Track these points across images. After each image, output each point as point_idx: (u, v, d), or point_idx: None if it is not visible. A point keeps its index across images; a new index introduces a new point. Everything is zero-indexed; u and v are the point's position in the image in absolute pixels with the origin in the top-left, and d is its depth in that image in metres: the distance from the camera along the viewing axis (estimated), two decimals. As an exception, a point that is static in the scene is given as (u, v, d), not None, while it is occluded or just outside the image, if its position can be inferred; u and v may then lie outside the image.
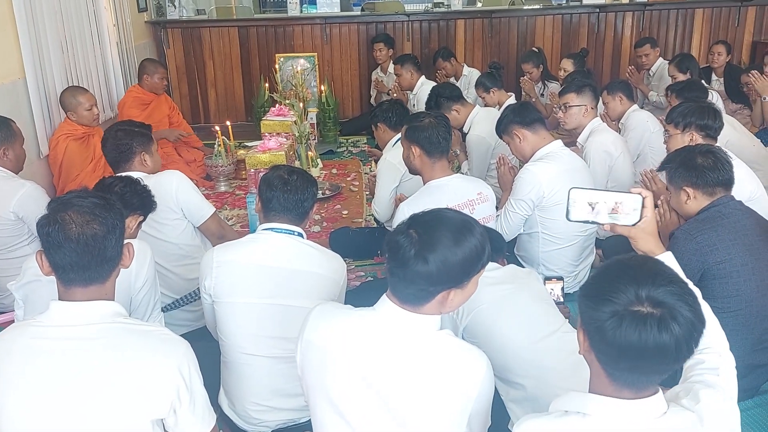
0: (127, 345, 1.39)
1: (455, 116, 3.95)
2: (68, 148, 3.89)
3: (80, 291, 1.41)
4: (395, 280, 1.38)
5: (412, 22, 6.54)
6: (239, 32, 6.41)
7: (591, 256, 3.12)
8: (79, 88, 4.08)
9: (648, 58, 5.53)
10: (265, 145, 3.77)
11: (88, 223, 1.39)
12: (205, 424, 1.49)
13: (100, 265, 1.41)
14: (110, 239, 1.42)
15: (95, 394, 1.34)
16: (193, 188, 2.70)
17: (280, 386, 2.02)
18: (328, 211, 4.25)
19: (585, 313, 1.18)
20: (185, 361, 1.42)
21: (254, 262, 2.01)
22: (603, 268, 1.22)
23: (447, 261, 1.34)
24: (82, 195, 1.45)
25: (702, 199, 2.21)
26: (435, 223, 1.38)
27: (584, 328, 1.19)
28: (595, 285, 1.18)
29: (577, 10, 6.61)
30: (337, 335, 1.45)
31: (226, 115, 6.16)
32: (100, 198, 1.46)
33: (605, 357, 1.16)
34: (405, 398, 1.38)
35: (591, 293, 1.17)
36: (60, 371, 1.34)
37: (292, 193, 2.05)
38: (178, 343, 1.45)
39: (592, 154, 3.34)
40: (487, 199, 2.74)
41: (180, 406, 1.41)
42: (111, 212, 1.44)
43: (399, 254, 1.35)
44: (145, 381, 1.37)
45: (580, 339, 1.22)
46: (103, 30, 4.94)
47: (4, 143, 2.99)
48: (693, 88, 3.75)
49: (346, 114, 6.51)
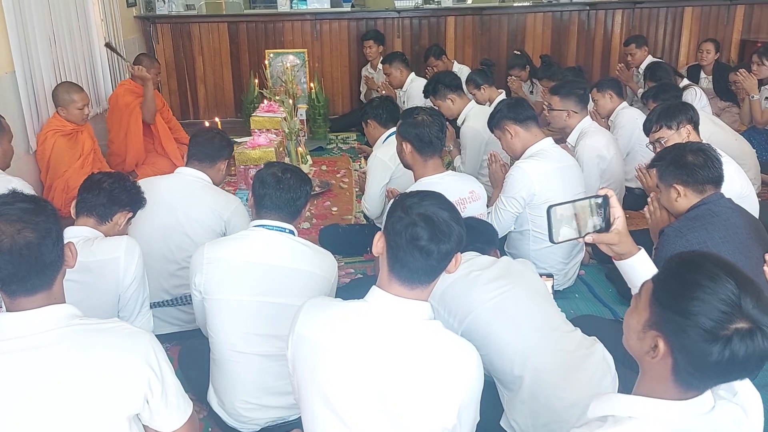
0: (91, 345, 1.34)
1: (449, 105, 3.95)
2: (56, 144, 3.85)
3: (27, 300, 1.34)
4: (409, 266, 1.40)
5: (403, 18, 6.53)
6: (229, 28, 6.36)
7: (581, 254, 3.13)
8: (74, 86, 4.04)
9: (634, 57, 5.57)
10: (255, 141, 3.75)
11: (19, 231, 1.31)
12: (181, 412, 1.45)
13: (40, 272, 1.34)
14: (46, 244, 1.34)
15: (65, 400, 1.29)
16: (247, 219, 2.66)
17: (270, 384, 2.01)
18: (317, 207, 4.23)
19: (675, 329, 1.07)
20: (152, 351, 1.38)
21: (245, 259, 2.00)
22: (677, 273, 1.10)
23: (460, 233, 1.43)
24: (8, 201, 1.35)
25: (692, 196, 2.22)
26: (428, 203, 1.44)
27: (670, 343, 1.08)
28: (680, 296, 1.06)
29: (568, 7, 6.63)
30: (329, 327, 1.45)
31: (215, 110, 6.12)
32: (29, 201, 1.37)
33: (695, 372, 1.07)
34: (396, 389, 1.38)
35: (678, 307, 1.06)
36: (24, 383, 1.28)
37: (285, 191, 2.04)
38: (142, 334, 1.41)
39: (585, 158, 3.33)
40: (478, 198, 2.75)
41: (152, 397, 1.38)
42: (42, 215, 1.35)
43: (419, 244, 1.38)
44: (114, 378, 1.33)
45: (654, 346, 1.10)
46: (90, 25, 4.88)
47: None
48: (667, 89, 3.82)
49: (336, 110, 6.49)
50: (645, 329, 1.12)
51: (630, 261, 1.53)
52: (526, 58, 5.81)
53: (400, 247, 1.39)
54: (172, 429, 1.44)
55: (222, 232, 2.61)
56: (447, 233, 1.40)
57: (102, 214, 2.18)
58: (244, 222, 2.58)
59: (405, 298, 1.42)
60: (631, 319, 1.18)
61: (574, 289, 3.13)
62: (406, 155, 2.68)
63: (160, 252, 2.56)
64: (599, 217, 1.47)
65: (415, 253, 1.38)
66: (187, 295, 2.55)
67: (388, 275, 1.43)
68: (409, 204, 1.43)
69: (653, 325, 1.11)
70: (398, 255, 1.40)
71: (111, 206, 2.19)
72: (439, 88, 3.97)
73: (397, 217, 1.42)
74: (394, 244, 1.41)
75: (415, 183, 2.68)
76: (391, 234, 1.42)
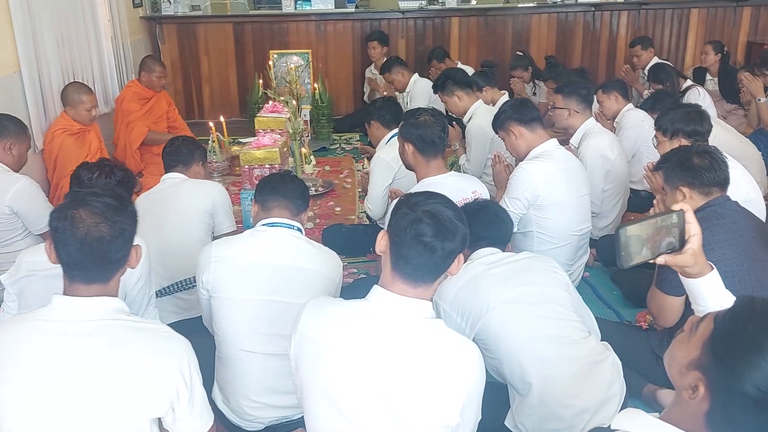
0: (128, 342, 1.39)
1: (455, 102, 3.96)
2: (64, 144, 3.88)
3: (83, 288, 1.42)
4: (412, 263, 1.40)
5: (407, 19, 6.53)
6: (234, 28, 6.38)
7: (585, 256, 3.12)
8: (84, 87, 4.07)
9: (640, 59, 5.55)
10: (260, 142, 3.76)
11: (97, 225, 1.39)
12: (203, 423, 1.49)
13: (102, 266, 1.42)
14: (117, 242, 1.42)
15: (94, 390, 1.34)
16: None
17: (275, 383, 2.01)
18: (321, 207, 4.24)
19: (720, 382, 1.02)
20: (186, 360, 1.42)
21: (253, 258, 2.01)
22: (743, 327, 1.03)
23: (465, 233, 1.43)
24: (97, 193, 1.45)
25: (698, 199, 2.21)
26: (433, 201, 1.44)
27: (711, 391, 1.03)
28: (738, 355, 1.01)
29: (573, 8, 6.62)
30: (331, 326, 1.46)
31: (220, 111, 6.12)
32: (116, 199, 1.46)
33: (726, 423, 1.03)
34: (399, 387, 1.39)
35: (732, 365, 1.01)
36: (58, 366, 1.34)
37: (289, 182, 2.12)
38: (179, 341, 1.45)
39: (589, 159, 3.32)
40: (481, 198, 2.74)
41: (178, 405, 1.41)
42: (122, 215, 1.44)
43: (423, 240, 1.38)
44: (145, 379, 1.36)
45: (694, 388, 1.06)
46: (98, 25, 4.90)
47: (11, 138, 3.02)
48: (661, 99, 3.82)
49: (340, 111, 6.49)
50: (690, 367, 1.08)
51: (698, 281, 1.47)
52: (529, 59, 5.80)
53: (404, 243, 1.40)
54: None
55: (210, 212, 2.75)
56: (452, 231, 1.40)
57: None
58: (226, 201, 2.83)
59: (407, 297, 1.42)
60: (678, 350, 1.13)
61: (579, 290, 3.06)
62: (408, 156, 2.68)
63: (152, 242, 2.56)
64: (673, 235, 1.35)
65: (420, 249, 1.39)
66: (183, 280, 2.59)
67: (391, 273, 1.44)
68: (415, 201, 1.44)
69: (699, 368, 1.06)
70: (402, 251, 1.40)
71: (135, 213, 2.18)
72: (447, 83, 3.98)
73: (402, 214, 1.43)
74: (399, 241, 1.41)
75: (417, 183, 2.68)
76: (395, 230, 1.42)
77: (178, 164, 2.86)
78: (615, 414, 1.90)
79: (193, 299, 2.56)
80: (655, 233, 1.33)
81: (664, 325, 2.23)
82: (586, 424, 1.87)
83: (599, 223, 3.42)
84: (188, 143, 2.94)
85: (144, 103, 4.81)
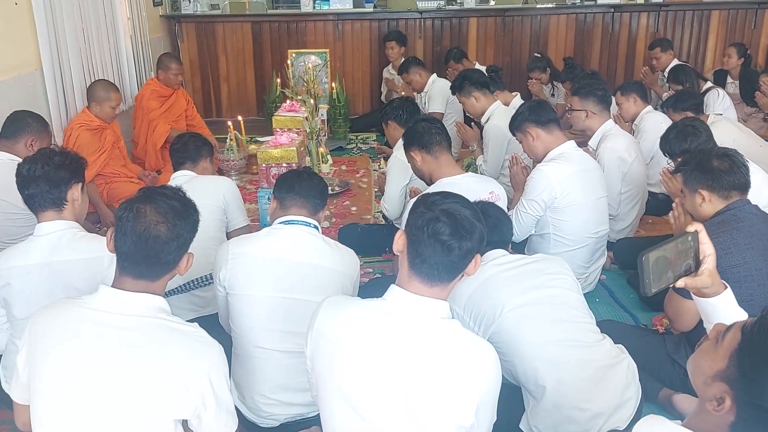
0: (164, 341, 1.41)
1: (473, 103, 3.96)
2: (80, 137, 3.91)
3: (129, 281, 1.45)
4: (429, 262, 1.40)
5: (425, 19, 6.52)
6: (252, 27, 6.41)
7: (602, 258, 3.11)
8: (112, 85, 4.12)
9: (659, 61, 5.50)
10: (277, 141, 3.78)
11: (157, 224, 1.44)
12: (228, 429, 1.51)
13: (152, 264, 1.45)
14: (171, 245, 1.46)
15: (123, 382, 1.36)
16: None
17: (290, 381, 2.02)
18: (337, 207, 4.25)
19: (747, 395, 1.02)
20: (216, 366, 1.45)
21: (270, 255, 2.02)
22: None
23: (482, 232, 1.44)
24: (167, 194, 1.50)
25: (717, 202, 2.19)
26: (451, 200, 1.45)
27: (738, 404, 1.03)
28: (765, 371, 1.01)
29: (592, 9, 6.58)
30: (348, 325, 1.46)
31: (238, 109, 6.17)
32: (182, 203, 1.50)
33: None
34: (414, 386, 1.39)
35: (760, 380, 1.01)
36: (94, 354, 1.37)
37: (307, 180, 2.13)
38: (214, 346, 1.47)
39: (606, 161, 3.30)
40: (498, 198, 2.74)
41: (205, 412, 1.43)
42: (183, 220, 1.49)
43: (440, 238, 1.39)
44: (173, 379, 1.39)
45: (720, 400, 1.05)
46: (118, 23, 4.96)
47: (33, 135, 3.07)
48: (685, 98, 3.78)
49: (357, 111, 6.50)
50: (716, 378, 1.07)
51: (713, 301, 1.46)
52: (547, 60, 5.77)
53: (421, 242, 1.40)
54: None
55: (223, 207, 2.76)
56: (469, 230, 1.41)
57: (55, 202, 2.04)
58: (237, 195, 2.84)
59: (424, 297, 1.43)
60: (703, 360, 1.11)
61: (595, 293, 3.10)
62: (420, 164, 2.73)
63: None
64: (690, 257, 1.35)
65: (437, 247, 1.39)
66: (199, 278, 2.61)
67: (408, 272, 1.44)
68: (433, 200, 1.45)
69: (725, 380, 1.05)
70: (419, 250, 1.41)
71: (57, 189, 2.03)
72: (465, 84, 3.97)
73: (419, 213, 1.43)
74: (416, 239, 1.41)
75: (434, 183, 2.69)
76: (413, 229, 1.43)
77: (186, 161, 2.87)
78: (630, 418, 1.89)
79: (209, 296, 2.58)
80: (677, 257, 1.33)
81: (681, 329, 2.21)
82: (601, 427, 1.86)
83: (616, 225, 3.40)
84: (195, 139, 2.96)
85: (163, 101, 4.85)
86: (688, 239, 1.36)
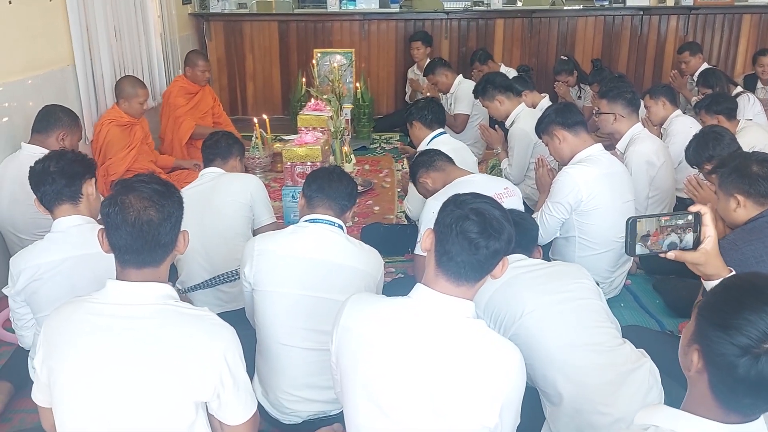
0: (177, 325, 1.43)
1: (497, 107, 3.95)
2: (110, 133, 3.98)
3: (134, 272, 1.47)
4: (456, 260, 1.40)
5: (451, 20, 6.51)
6: (279, 26, 6.46)
7: (628, 263, 3.07)
8: (139, 81, 4.19)
9: (688, 65, 5.42)
10: (302, 139, 3.80)
11: (146, 209, 1.44)
12: (248, 409, 1.52)
13: (153, 249, 1.46)
14: (165, 226, 1.47)
15: (143, 371, 1.38)
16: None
17: (314, 378, 2.04)
18: (360, 206, 4.25)
19: (709, 342, 1.07)
20: (231, 347, 1.46)
21: (295, 253, 2.04)
22: (727, 291, 1.11)
23: (510, 233, 1.44)
24: (145, 180, 1.50)
25: (751, 208, 2.15)
26: (480, 200, 1.45)
27: (704, 355, 1.09)
28: (722, 312, 1.07)
29: (620, 11, 6.50)
30: (375, 322, 1.47)
31: (263, 108, 6.21)
32: (162, 185, 1.51)
33: (726, 389, 1.07)
34: (439, 385, 1.39)
35: (717, 321, 1.06)
36: (113, 347, 1.39)
37: (336, 181, 2.13)
38: (227, 329, 1.49)
39: (634, 165, 3.26)
40: (513, 194, 2.77)
41: (224, 391, 1.44)
42: (169, 200, 1.49)
43: (469, 236, 1.39)
44: (192, 362, 1.40)
45: (692, 360, 1.11)
46: (148, 21, 5.03)
47: (64, 129, 3.13)
48: (719, 101, 3.72)
49: (381, 111, 6.51)
50: (690, 343, 1.12)
51: (714, 283, 1.45)
52: (574, 63, 5.72)
53: (449, 240, 1.41)
54: (236, 423, 1.50)
55: (250, 204, 2.78)
56: (498, 230, 1.41)
57: (71, 196, 2.11)
58: (264, 193, 2.86)
59: (450, 296, 1.43)
60: (683, 334, 1.17)
61: (620, 298, 3.07)
62: (431, 184, 2.83)
63: (194, 236, 2.61)
64: (688, 234, 1.41)
65: (464, 245, 1.39)
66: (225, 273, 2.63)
67: (435, 270, 1.44)
68: (463, 199, 1.45)
69: (695, 338, 1.11)
70: (447, 248, 1.41)
71: (73, 183, 2.11)
72: (488, 88, 3.96)
73: (448, 211, 1.44)
74: (444, 237, 1.42)
75: (450, 183, 2.73)
76: (441, 227, 1.43)
77: (217, 158, 2.90)
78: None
79: (235, 292, 2.61)
80: (659, 231, 1.39)
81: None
82: None
83: (643, 230, 3.35)
84: (227, 137, 2.99)
85: (190, 98, 4.90)
86: (688, 217, 1.40)
